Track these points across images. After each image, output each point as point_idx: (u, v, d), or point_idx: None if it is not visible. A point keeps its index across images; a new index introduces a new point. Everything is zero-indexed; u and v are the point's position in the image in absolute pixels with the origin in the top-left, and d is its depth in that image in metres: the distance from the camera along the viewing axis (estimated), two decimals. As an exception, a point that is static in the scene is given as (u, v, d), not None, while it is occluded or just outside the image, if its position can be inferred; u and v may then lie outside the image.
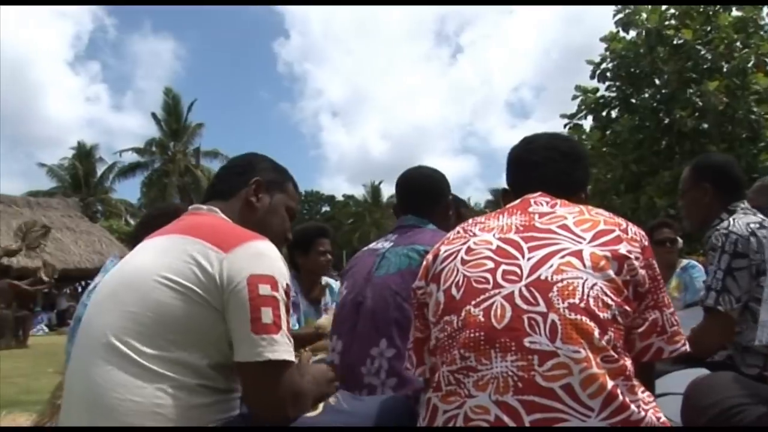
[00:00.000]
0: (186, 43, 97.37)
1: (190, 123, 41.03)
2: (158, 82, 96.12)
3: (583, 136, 13.81)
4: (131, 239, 3.12)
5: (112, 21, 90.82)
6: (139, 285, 1.61)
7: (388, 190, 49.64)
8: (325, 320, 3.75)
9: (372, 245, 2.60)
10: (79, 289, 24.56)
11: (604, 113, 14.22)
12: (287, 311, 1.64)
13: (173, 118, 40.51)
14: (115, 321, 1.58)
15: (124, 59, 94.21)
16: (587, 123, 14.46)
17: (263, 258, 1.63)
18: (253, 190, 1.93)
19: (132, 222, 36.40)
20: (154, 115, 41.24)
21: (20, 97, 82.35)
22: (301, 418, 1.62)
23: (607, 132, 13.94)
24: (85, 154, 40.78)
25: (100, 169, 41.27)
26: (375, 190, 50.79)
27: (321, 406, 1.71)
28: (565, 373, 1.33)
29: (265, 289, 1.58)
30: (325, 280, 4.07)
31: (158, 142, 40.69)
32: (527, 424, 1.33)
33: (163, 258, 1.64)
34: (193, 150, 41.17)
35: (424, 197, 2.62)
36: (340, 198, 54.05)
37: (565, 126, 14.11)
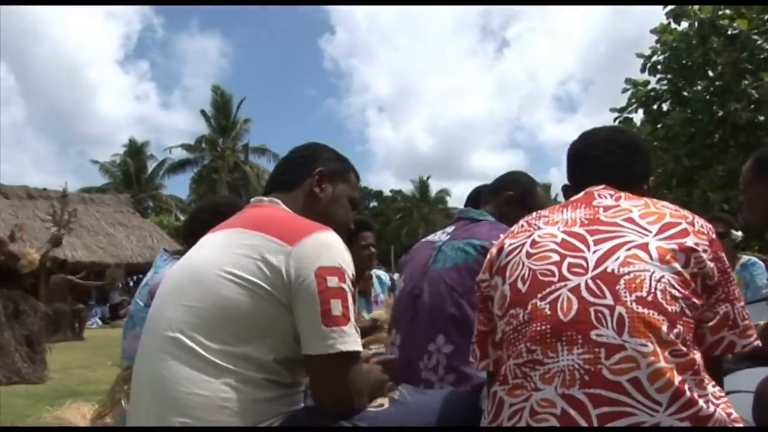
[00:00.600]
0: (232, 41, 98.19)
1: (238, 119, 41.43)
2: (205, 80, 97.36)
3: (634, 130, 13.58)
4: (187, 233, 3.16)
5: (160, 20, 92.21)
6: (203, 280, 1.61)
7: (436, 185, 49.61)
8: (381, 312, 3.76)
9: (429, 237, 2.58)
10: (131, 284, 25.02)
11: (655, 106, 13.90)
12: (354, 302, 1.63)
13: (222, 115, 40.89)
14: (180, 315, 1.59)
15: (172, 57, 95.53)
16: (638, 117, 14.20)
17: (329, 249, 1.62)
18: (317, 180, 1.92)
19: (182, 217, 36.85)
20: (203, 112, 41.76)
21: (74, 97, 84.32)
22: (367, 412, 1.62)
23: (658, 126, 13.66)
24: (136, 151, 41.40)
25: (150, 166, 41.97)
26: (423, 185, 50.67)
27: (386, 400, 1.70)
28: (632, 367, 1.32)
29: (333, 281, 1.57)
30: (372, 272, 4.07)
31: (207, 138, 41.12)
32: (594, 418, 1.32)
33: (226, 253, 1.64)
34: (242, 146, 41.53)
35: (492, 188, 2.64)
36: (387, 193, 54.02)
37: (615, 120, 13.84)
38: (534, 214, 1.72)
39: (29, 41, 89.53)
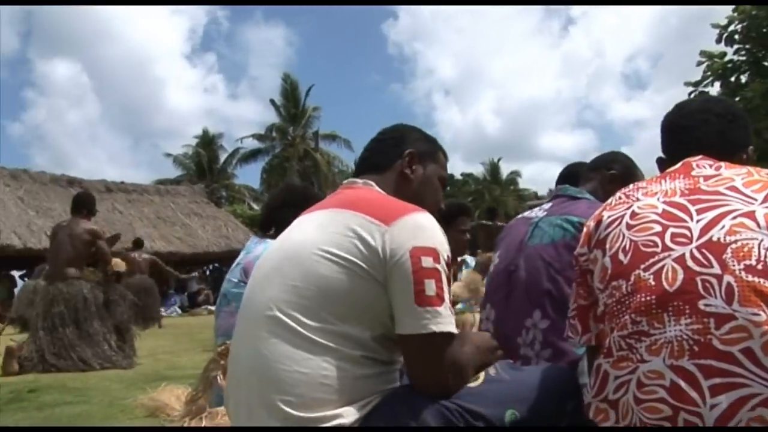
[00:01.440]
0: (297, 29, 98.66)
1: (307, 107, 41.73)
2: (271, 69, 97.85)
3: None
4: (269, 219, 3.23)
5: (225, 13, 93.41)
6: (302, 259, 1.63)
7: (506, 168, 49.20)
8: (457, 287, 3.76)
9: (526, 213, 2.59)
10: (207, 272, 25.53)
11: (732, 78, 13.54)
12: (449, 283, 1.63)
13: (291, 104, 41.24)
14: (279, 294, 1.61)
15: (238, 49, 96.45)
16: (714, 90, 13.82)
17: (425, 230, 1.62)
18: (407, 161, 1.93)
19: (255, 206, 37.39)
20: (272, 101, 42.17)
21: (144, 92, 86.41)
22: (464, 389, 1.62)
23: (737, 98, 13.26)
24: (208, 142, 42.15)
25: (222, 157, 42.68)
26: (494, 168, 50.23)
27: (482, 376, 1.69)
28: (744, 337, 1.29)
29: (427, 261, 1.57)
30: (463, 257, 4.07)
31: (277, 127, 41.57)
32: (705, 389, 1.29)
33: (323, 232, 1.66)
34: (312, 134, 41.85)
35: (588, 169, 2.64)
36: (458, 177, 53.73)
37: (689, 94, 13.52)
38: (631, 186, 1.69)
39: (100, 41, 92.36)
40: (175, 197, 26.35)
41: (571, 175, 2.80)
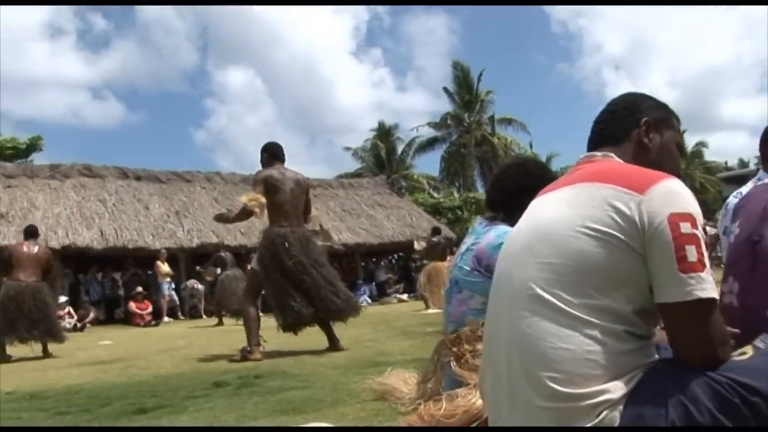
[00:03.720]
0: (457, 16, 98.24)
1: (480, 92, 41.61)
2: (436, 59, 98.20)
3: None
4: (502, 203, 3.13)
5: (385, 8, 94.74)
6: (557, 236, 1.63)
7: (690, 139, 46.87)
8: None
9: (766, 180, 2.39)
10: (393, 261, 25.98)
11: None
12: (707, 249, 1.58)
13: (464, 90, 41.32)
14: (537, 273, 1.61)
15: (402, 42, 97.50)
16: None
17: (679, 196, 1.59)
18: (644, 130, 1.87)
19: (435, 195, 37.69)
20: (445, 89, 42.48)
21: (315, 92, 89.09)
22: (733, 361, 1.55)
23: None
24: (384, 134, 42.97)
25: (398, 147, 43.35)
26: (676, 141, 48.14)
27: (749, 349, 1.61)
28: None
29: (686, 227, 1.54)
30: None
31: (453, 114, 41.74)
32: None
33: (575, 207, 1.65)
34: (487, 119, 41.68)
35: None
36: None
37: None
38: None
39: (270, 46, 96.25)
40: (358, 190, 27.00)
41: None
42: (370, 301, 21.23)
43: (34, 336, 9.20)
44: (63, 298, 16.93)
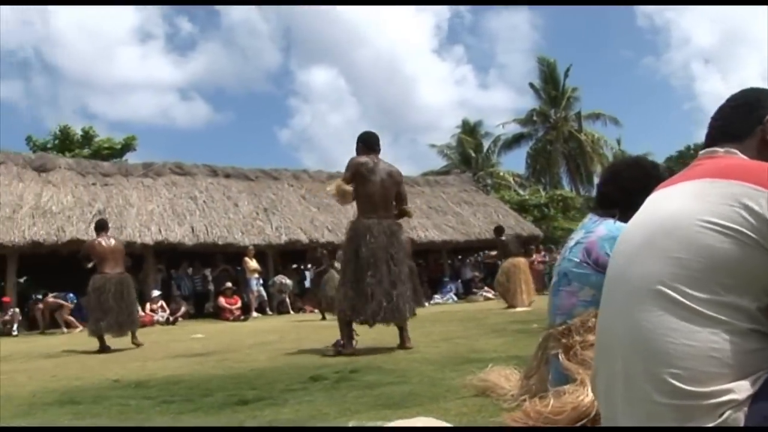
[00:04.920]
0: (540, 12, 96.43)
1: (567, 88, 41.02)
2: (518, 55, 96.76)
3: None
4: (619, 200, 3.05)
5: (466, 6, 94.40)
6: (681, 231, 1.59)
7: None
8: None
9: None
10: (479, 259, 25.81)
11: None
12: None
13: (551, 86, 40.81)
14: (661, 268, 1.58)
15: (484, 38, 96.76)
16: None
17: None
18: None
19: (521, 192, 37.35)
20: (531, 84, 42.06)
21: (398, 91, 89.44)
22: None
23: None
24: (469, 131, 42.77)
25: (484, 144, 43.09)
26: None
27: None
28: None
29: None
30: None
31: (539, 111, 41.25)
32: None
33: (700, 203, 1.60)
34: (574, 115, 41.03)
35: None
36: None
37: None
38: None
39: (353, 47, 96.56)
40: (444, 187, 26.94)
41: None
42: (456, 298, 21.19)
43: (123, 325, 9.71)
44: (156, 292, 17.48)
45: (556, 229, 31.15)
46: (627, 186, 3.09)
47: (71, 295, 16.11)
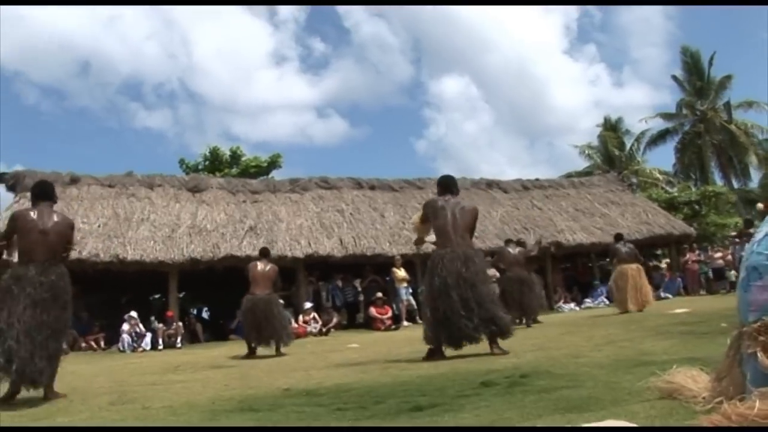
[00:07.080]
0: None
1: (713, 78, 39.26)
2: (653, 48, 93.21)
3: None
4: None
5: (595, 7, 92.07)
6: None
7: None
8: None
9: None
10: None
11: None
12: None
13: (695, 77, 39.17)
14: None
15: (616, 35, 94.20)
16: None
17: None
18: None
19: (669, 190, 35.98)
20: (674, 77, 40.56)
21: (531, 93, 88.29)
22: None
23: None
24: (610, 130, 41.60)
25: (626, 143, 41.78)
26: None
27: None
28: None
29: None
30: None
31: (685, 103, 39.66)
32: None
33: None
34: (722, 105, 39.17)
35: None
36: None
37: None
38: None
39: (481, 53, 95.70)
40: (590, 188, 26.33)
41: None
42: (608, 302, 20.57)
43: (268, 339, 11.06)
44: (308, 304, 17.91)
45: (709, 226, 29.79)
46: None
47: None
